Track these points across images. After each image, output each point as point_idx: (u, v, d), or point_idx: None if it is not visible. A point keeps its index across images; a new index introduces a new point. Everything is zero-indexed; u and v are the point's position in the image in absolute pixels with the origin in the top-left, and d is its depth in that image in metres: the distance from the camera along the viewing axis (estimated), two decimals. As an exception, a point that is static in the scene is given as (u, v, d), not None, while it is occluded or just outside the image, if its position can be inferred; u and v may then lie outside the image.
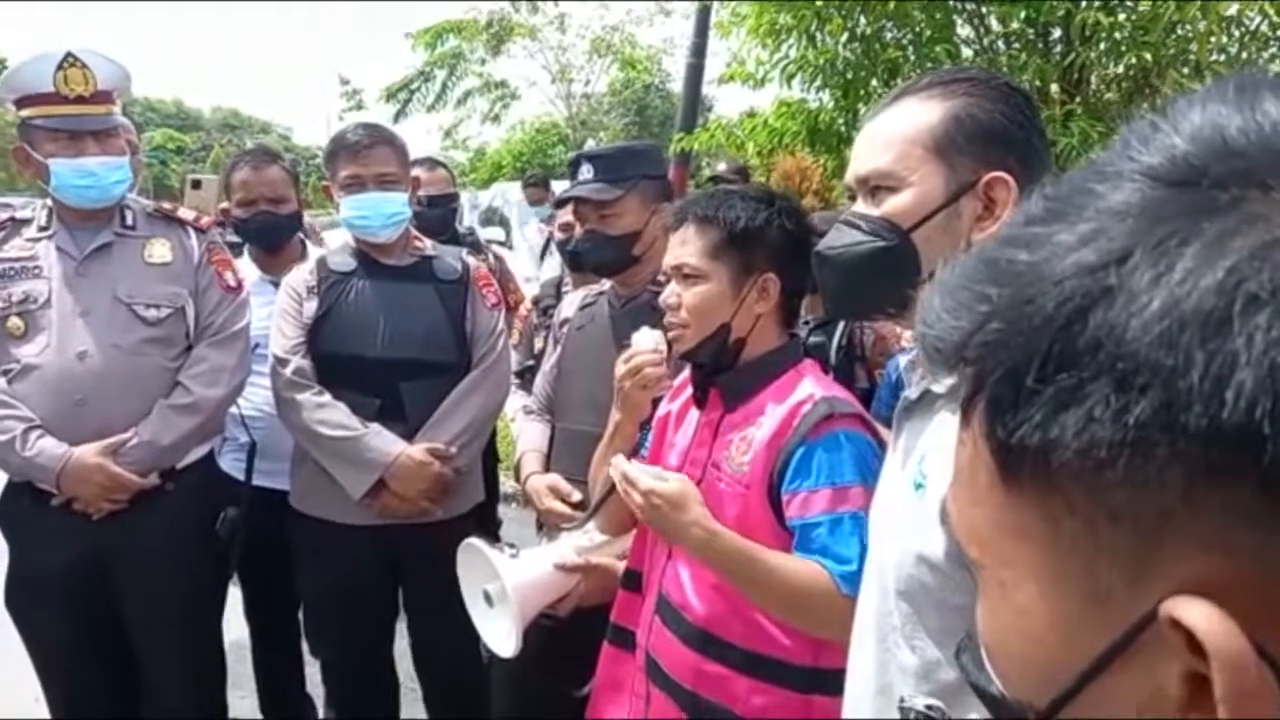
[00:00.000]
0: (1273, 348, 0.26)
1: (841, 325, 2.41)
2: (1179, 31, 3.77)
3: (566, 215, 2.59)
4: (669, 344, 1.47)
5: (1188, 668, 0.29)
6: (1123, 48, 3.72)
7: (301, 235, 2.65)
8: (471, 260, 2.32)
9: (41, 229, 2.02)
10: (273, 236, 2.53)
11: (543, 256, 5.25)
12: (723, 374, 1.40)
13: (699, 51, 6.71)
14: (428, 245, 2.28)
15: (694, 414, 1.45)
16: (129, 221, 2.05)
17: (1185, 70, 3.74)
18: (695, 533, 1.24)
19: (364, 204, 2.13)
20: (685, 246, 1.39)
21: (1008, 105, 0.97)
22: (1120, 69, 3.95)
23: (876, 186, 1.00)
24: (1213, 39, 3.77)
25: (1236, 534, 0.27)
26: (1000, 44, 4.29)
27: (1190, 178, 0.30)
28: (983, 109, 0.96)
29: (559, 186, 6.14)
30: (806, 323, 2.46)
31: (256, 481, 2.36)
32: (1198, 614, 0.28)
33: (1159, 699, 0.30)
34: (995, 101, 0.96)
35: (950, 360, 0.34)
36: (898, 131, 0.98)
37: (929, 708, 0.41)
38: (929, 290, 0.36)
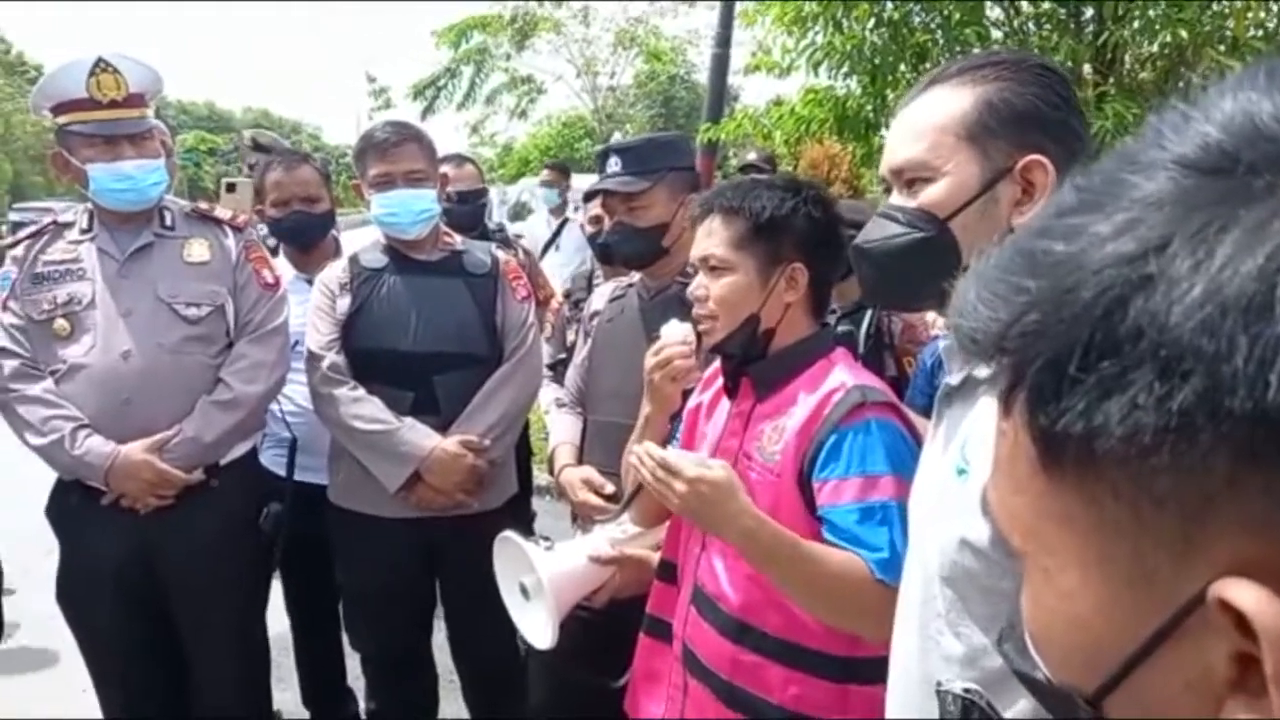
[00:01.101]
0: None
1: (870, 314, 2.40)
2: (1214, 8, 3.69)
3: (596, 208, 2.59)
4: (698, 336, 1.46)
5: (1236, 648, 0.29)
6: (1157, 26, 3.65)
7: (335, 234, 2.68)
8: (501, 254, 2.34)
9: (83, 231, 2.07)
10: (306, 236, 2.57)
11: (545, 250, 4.97)
12: (753, 364, 1.39)
13: (724, 41, 6.66)
14: (457, 240, 2.30)
15: (725, 404, 1.45)
16: (168, 222, 2.09)
17: (1221, 48, 3.66)
18: (744, 521, 1.21)
19: (393, 201, 2.15)
20: (711, 238, 1.38)
21: (1041, 87, 0.95)
22: (1155, 48, 3.88)
23: (912, 178, 0.99)
24: (1250, 15, 3.68)
25: (1278, 515, 0.28)
26: (1031, 25, 4.22)
27: (1224, 165, 0.30)
28: (1015, 92, 0.95)
29: (578, 180, 6.04)
30: (834, 311, 2.45)
31: (297, 477, 2.40)
32: (1247, 595, 0.28)
33: (1207, 679, 0.30)
34: (1027, 84, 0.95)
35: (988, 351, 0.34)
36: (929, 121, 0.97)
37: (967, 691, 0.41)
38: (963, 282, 0.36)
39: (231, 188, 3.28)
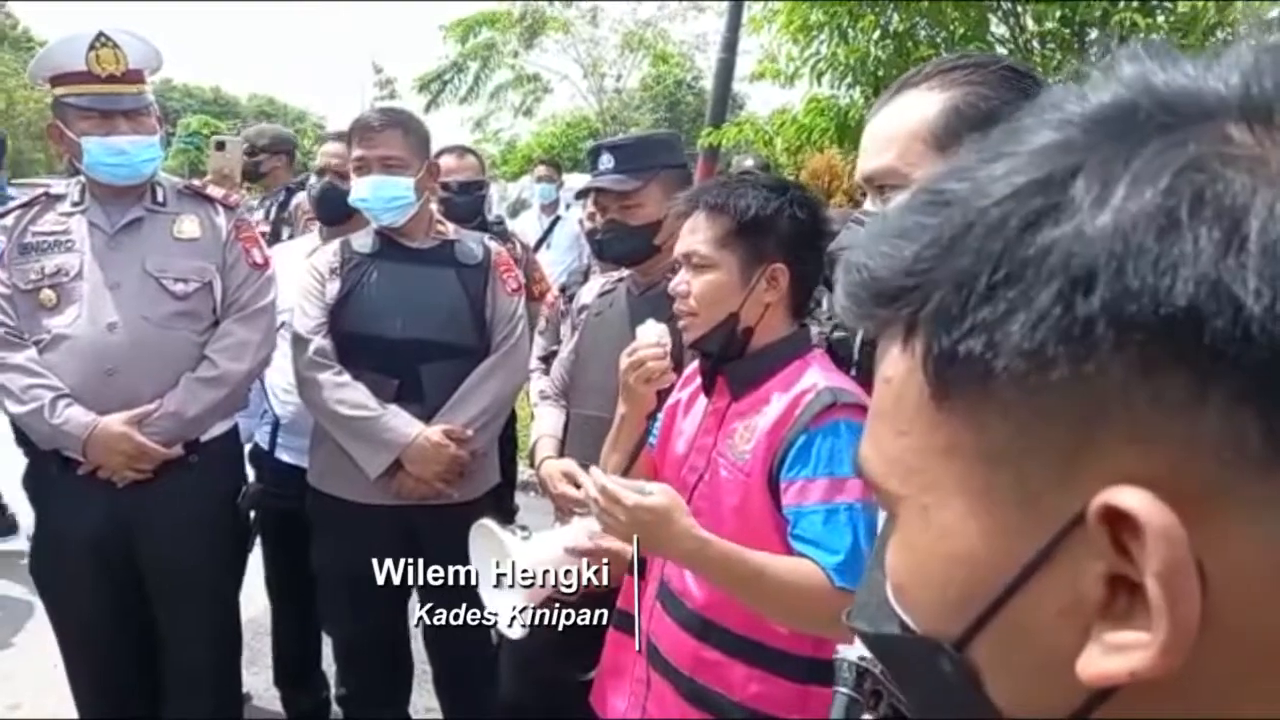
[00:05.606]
0: (1214, 245, 0.28)
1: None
2: (1219, 34, 3.72)
3: (591, 204, 2.60)
4: (679, 333, 1.47)
5: (1110, 569, 0.30)
6: (1159, 49, 3.67)
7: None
8: (493, 245, 2.34)
9: (74, 204, 2.07)
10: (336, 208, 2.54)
11: (537, 247, 4.80)
12: (730, 363, 1.40)
13: (730, 46, 6.70)
14: (450, 230, 2.30)
15: (702, 402, 1.46)
16: (159, 198, 2.09)
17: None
18: (686, 544, 1.22)
19: (365, 187, 2.15)
20: (695, 235, 1.39)
21: (1009, 89, 0.95)
22: (1157, 71, 3.91)
23: (883, 184, 0.99)
24: (1253, 42, 3.71)
25: (1166, 425, 0.29)
26: (1035, 43, 4.25)
27: (1125, 111, 0.32)
28: (982, 96, 0.95)
29: (573, 178, 6.01)
30: (830, 318, 2.44)
31: (284, 458, 2.41)
32: (1132, 496, 0.29)
33: (1079, 605, 0.31)
34: (995, 87, 0.95)
35: (892, 287, 0.35)
36: (898, 127, 0.97)
37: (861, 659, 0.42)
38: (861, 239, 0.37)
39: (221, 145, 3.22)
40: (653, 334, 1.54)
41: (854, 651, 0.41)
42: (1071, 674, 0.31)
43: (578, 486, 1.90)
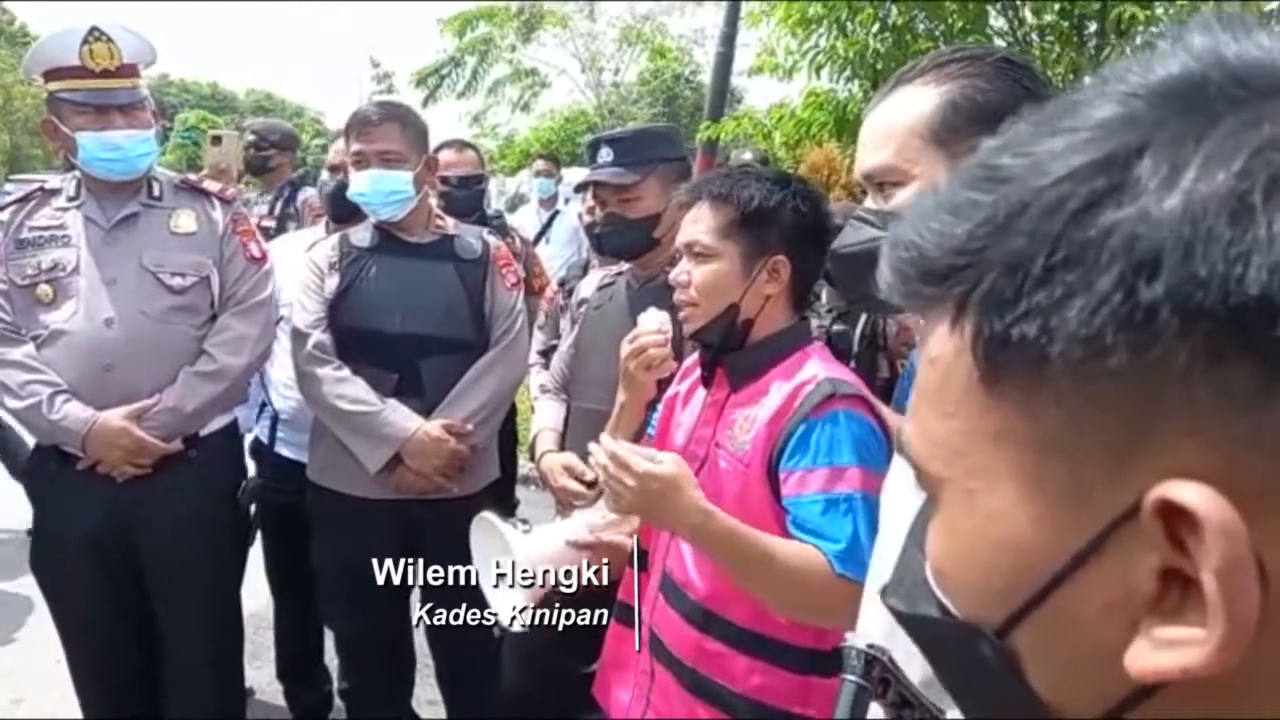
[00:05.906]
0: None
1: (864, 314, 2.40)
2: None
3: (590, 198, 2.59)
4: (680, 324, 1.47)
5: (1164, 563, 0.29)
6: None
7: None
8: (492, 240, 2.33)
9: (70, 199, 2.06)
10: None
11: (536, 241, 4.77)
12: (730, 354, 1.39)
13: (728, 40, 6.68)
14: (449, 224, 2.29)
15: (701, 394, 1.45)
16: (156, 192, 2.09)
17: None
18: (692, 517, 1.20)
19: (364, 181, 2.14)
20: (698, 224, 1.38)
21: (1005, 81, 0.94)
22: (1156, 64, 3.90)
23: (883, 181, 0.98)
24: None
25: (1229, 417, 0.28)
26: (1034, 37, 4.23)
27: (1194, 85, 0.31)
28: (978, 89, 0.94)
29: (571, 173, 6.00)
30: (830, 311, 2.44)
31: (283, 453, 2.41)
32: (1191, 491, 0.28)
33: (1128, 599, 0.30)
34: (992, 79, 0.94)
35: (942, 265, 0.33)
36: (895, 123, 0.97)
37: (870, 647, 0.41)
38: (911, 214, 0.36)
39: (217, 140, 3.21)
40: (654, 321, 1.54)
41: (862, 639, 0.40)
42: (1114, 668, 0.30)
43: (579, 480, 1.90)
